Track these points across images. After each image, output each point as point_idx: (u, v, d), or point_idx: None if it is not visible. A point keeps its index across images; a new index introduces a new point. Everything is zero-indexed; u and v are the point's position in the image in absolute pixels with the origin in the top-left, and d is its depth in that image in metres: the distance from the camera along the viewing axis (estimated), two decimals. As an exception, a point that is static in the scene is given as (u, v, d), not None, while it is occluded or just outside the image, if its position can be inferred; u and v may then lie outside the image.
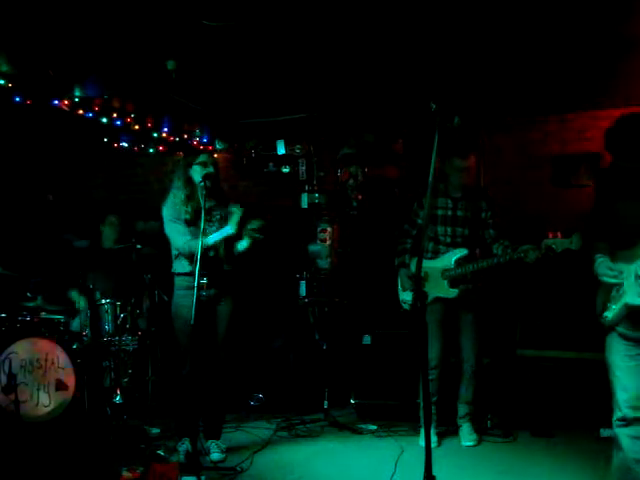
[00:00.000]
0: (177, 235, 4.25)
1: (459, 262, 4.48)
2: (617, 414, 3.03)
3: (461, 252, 4.51)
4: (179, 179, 4.33)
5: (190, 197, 4.27)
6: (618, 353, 3.06)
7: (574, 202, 4.98)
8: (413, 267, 4.60)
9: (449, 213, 4.57)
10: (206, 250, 4.12)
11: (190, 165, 4.29)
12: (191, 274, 4.13)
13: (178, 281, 4.37)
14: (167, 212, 4.33)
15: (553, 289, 5.40)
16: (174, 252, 4.35)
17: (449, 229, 4.56)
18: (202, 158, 4.29)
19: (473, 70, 4.82)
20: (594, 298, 3.27)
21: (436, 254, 4.56)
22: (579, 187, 5.90)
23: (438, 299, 4.47)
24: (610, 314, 3.04)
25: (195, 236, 4.12)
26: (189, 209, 4.25)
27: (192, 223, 4.25)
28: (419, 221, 4.65)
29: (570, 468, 4.02)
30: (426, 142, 3.57)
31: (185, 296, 4.24)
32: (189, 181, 4.29)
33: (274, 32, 4.17)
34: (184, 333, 4.25)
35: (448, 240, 4.56)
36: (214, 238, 4.19)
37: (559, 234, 4.01)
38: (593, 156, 5.81)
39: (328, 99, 5.61)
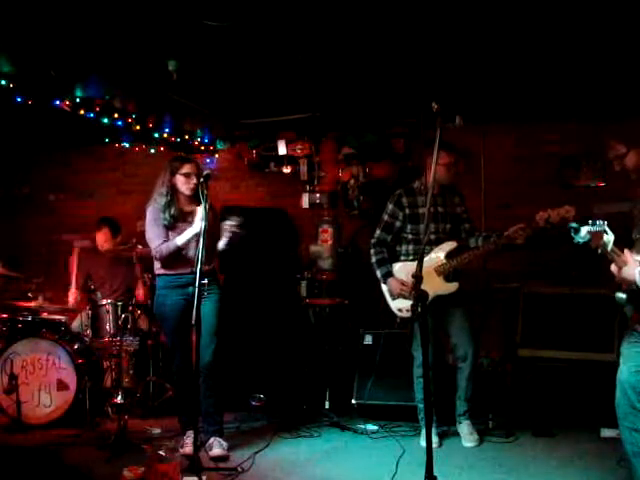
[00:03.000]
0: (153, 238, 4.34)
1: (451, 255, 4.47)
2: None
3: (450, 245, 4.51)
4: (162, 184, 4.35)
5: (170, 204, 4.30)
6: None
7: (576, 203, 4.96)
8: (400, 274, 4.57)
9: (431, 210, 4.55)
10: (180, 250, 4.25)
11: (174, 173, 4.31)
12: (172, 274, 4.30)
13: (159, 281, 4.43)
14: (149, 215, 4.38)
15: (554, 289, 5.40)
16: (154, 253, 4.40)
17: (432, 226, 4.55)
18: (186, 169, 4.30)
19: (475, 69, 4.82)
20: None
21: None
22: (581, 188, 5.89)
23: (437, 298, 4.44)
24: None
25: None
26: (167, 216, 4.28)
27: (171, 229, 4.30)
28: (397, 224, 4.63)
29: (572, 468, 4.01)
30: (427, 142, 3.58)
31: (166, 295, 4.34)
32: (171, 188, 4.32)
33: (275, 32, 4.17)
34: (170, 331, 4.38)
35: (432, 238, 4.53)
36: (182, 239, 4.25)
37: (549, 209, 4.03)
38: (595, 157, 5.83)
39: (329, 99, 5.61)
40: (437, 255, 4.50)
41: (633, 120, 5.37)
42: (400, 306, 4.58)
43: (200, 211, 4.14)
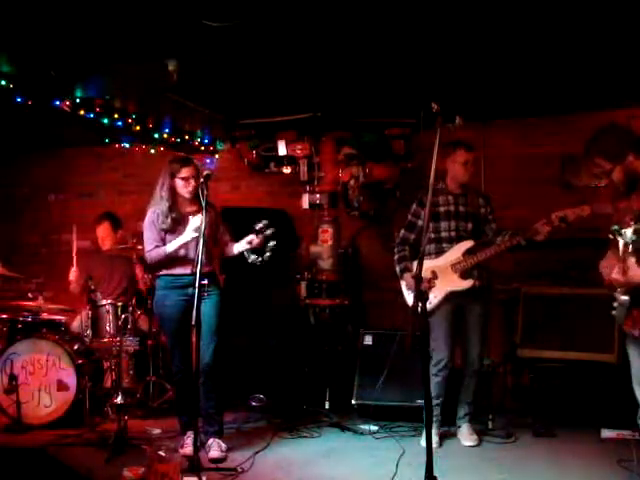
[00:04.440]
0: (146, 242, 4.36)
1: (467, 253, 4.49)
2: None
3: (467, 244, 4.52)
4: (162, 187, 4.33)
5: (172, 208, 4.30)
6: None
7: (577, 203, 4.97)
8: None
9: (452, 208, 4.58)
10: (171, 256, 4.25)
11: (173, 176, 4.30)
12: (173, 275, 4.30)
13: (159, 281, 4.43)
14: (148, 217, 4.38)
15: (554, 289, 5.40)
16: None
17: (453, 224, 4.57)
18: (184, 173, 4.28)
19: (476, 68, 4.81)
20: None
21: (441, 254, 4.54)
22: (582, 188, 5.88)
23: (452, 294, 4.45)
24: None
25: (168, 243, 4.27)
26: (168, 220, 4.28)
27: (171, 232, 4.30)
28: (420, 223, 4.63)
29: (572, 469, 4.01)
30: (427, 142, 3.58)
31: (166, 296, 4.34)
32: (172, 191, 4.31)
33: (275, 33, 4.17)
34: (169, 331, 4.38)
35: (453, 235, 4.55)
36: (172, 246, 4.26)
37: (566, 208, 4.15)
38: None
39: (329, 99, 5.61)
40: (455, 252, 4.52)
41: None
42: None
43: (192, 221, 4.16)
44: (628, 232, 2.86)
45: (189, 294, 4.15)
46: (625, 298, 3.03)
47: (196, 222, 4.10)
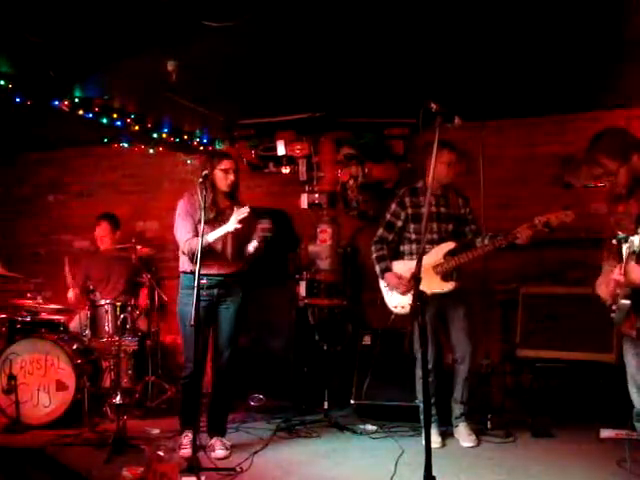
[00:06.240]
0: (181, 232, 4.29)
1: (449, 254, 4.49)
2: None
3: (448, 245, 4.53)
4: (206, 179, 4.22)
5: (214, 200, 4.28)
6: None
7: (576, 203, 4.98)
8: (398, 269, 4.60)
9: (433, 209, 4.58)
10: (211, 248, 4.17)
11: (214, 168, 4.30)
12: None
13: (184, 280, 4.37)
14: (181, 206, 4.35)
15: (553, 289, 5.40)
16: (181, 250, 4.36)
17: (435, 225, 4.58)
18: (225, 165, 4.30)
19: (475, 68, 4.81)
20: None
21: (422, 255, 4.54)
22: (581, 188, 5.88)
23: (433, 296, 4.44)
24: None
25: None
26: (211, 213, 4.24)
27: (208, 224, 4.22)
28: (399, 223, 4.65)
29: (571, 469, 4.01)
30: (429, 142, 3.58)
31: (190, 295, 4.24)
32: (213, 184, 4.30)
33: (274, 32, 4.17)
34: (188, 332, 4.27)
35: (435, 237, 4.56)
36: (213, 235, 4.18)
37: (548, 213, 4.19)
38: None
39: (328, 99, 5.61)
40: (436, 254, 4.52)
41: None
42: (396, 303, 4.61)
43: (238, 211, 4.12)
44: (636, 240, 2.85)
45: (214, 295, 4.13)
46: (626, 302, 3.03)
47: (242, 212, 4.08)
